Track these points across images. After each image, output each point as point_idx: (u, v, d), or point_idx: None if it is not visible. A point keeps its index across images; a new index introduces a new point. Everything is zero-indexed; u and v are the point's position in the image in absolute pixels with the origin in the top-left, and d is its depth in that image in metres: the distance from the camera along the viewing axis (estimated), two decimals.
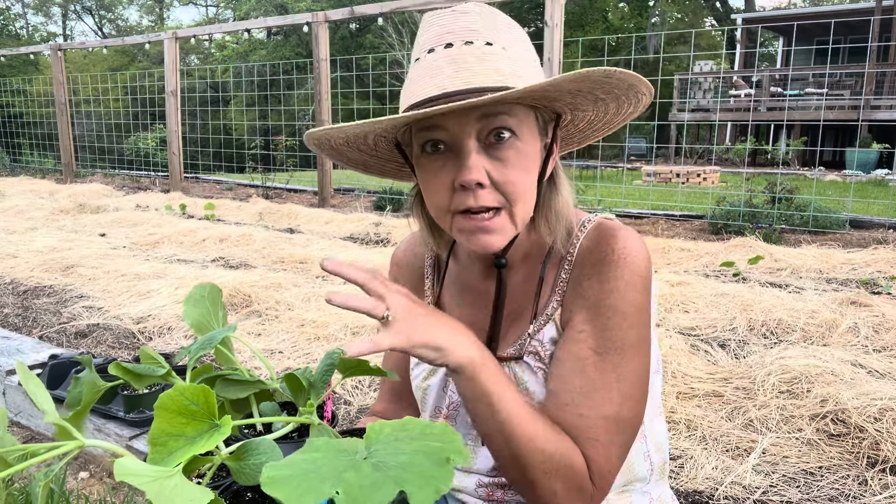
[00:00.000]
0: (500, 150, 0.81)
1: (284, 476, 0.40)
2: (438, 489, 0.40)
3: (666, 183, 10.72)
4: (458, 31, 0.82)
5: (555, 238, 0.90)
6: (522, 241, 0.93)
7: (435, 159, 0.83)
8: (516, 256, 0.94)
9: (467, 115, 0.79)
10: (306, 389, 0.64)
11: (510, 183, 0.81)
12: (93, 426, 2.11)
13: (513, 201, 0.82)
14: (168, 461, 0.49)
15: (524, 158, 0.83)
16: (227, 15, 34.64)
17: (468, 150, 0.80)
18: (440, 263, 1.06)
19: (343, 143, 0.89)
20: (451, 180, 0.81)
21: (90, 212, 7.43)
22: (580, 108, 0.89)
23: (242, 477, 0.54)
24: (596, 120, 0.95)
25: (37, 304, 3.80)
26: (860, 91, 13.45)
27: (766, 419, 2.23)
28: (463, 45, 0.81)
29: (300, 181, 10.17)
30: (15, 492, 1.68)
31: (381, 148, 0.93)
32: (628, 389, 0.84)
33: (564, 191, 0.91)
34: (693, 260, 4.78)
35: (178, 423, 0.50)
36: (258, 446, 0.55)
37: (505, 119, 0.80)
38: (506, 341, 0.95)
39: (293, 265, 4.70)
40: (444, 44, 0.81)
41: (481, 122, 0.80)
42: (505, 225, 0.83)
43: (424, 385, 1.01)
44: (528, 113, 0.83)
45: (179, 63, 9.51)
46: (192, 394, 0.51)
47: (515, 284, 0.95)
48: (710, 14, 29.49)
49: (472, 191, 0.80)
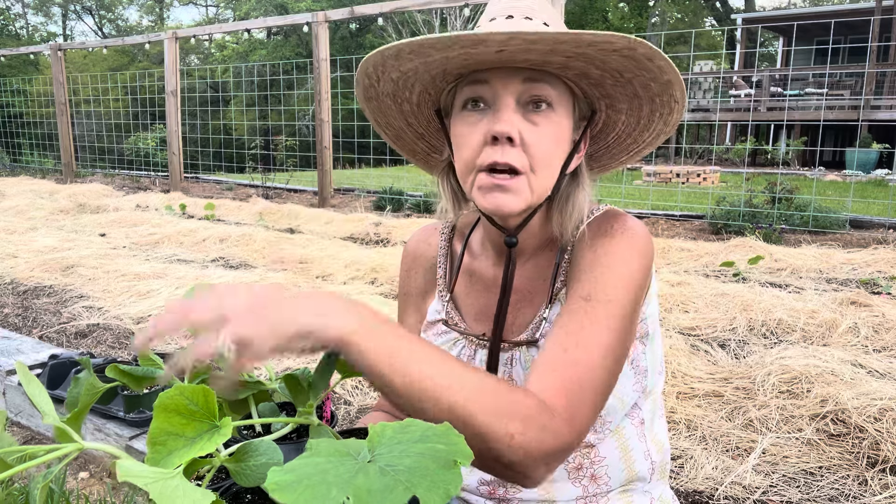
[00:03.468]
0: (536, 115, 0.84)
1: (290, 482, 0.39)
2: (448, 492, 0.40)
3: (666, 183, 10.71)
4: (521, 8, 0.87)
5: (564, 231, 0.91)
6: (536, 230, 0.95)
7: (474, 114, 0.85)
8: (529, 246, 0.96)
9: (513, 75, 0.83)
10: (305, 390, 0.64)
11: (538, 146, 0.83)
12: (93, 426, 2.11)
13: (536, 166, 0.84)
14: (167, 461, 0.49)
15: (557, 130, 0.85)
16: (227, 15, 34.66)
17: (506, 105, 0.83)
18: (453, 255, 1.07)
19: (390, 93, 0.92)
20: (485, 133, 0.83)
21: (90, 212, 7.43)
22: (615, 106, 0.91)
23: (242, 478, 0.54)
24: (624, 134, 0.97)
25: (37, 304, 3.80)
26: (860, 91, 13.44)
27: (766, 419, 2.23)
28: (523, 18, 0.86)
29: (300, 181, 10.17)
30: (15, 492, 1.68)
31: (423, 113, 0.97)
32: (613, 342, 0.80)
33: (586, 186, 0.93)
34: (693, 260, 4.78)
35: (178, 423, 0.50)
36: (258, 447, 0.55)
37: (547, 89, 0.84)
38: (517, 326, 0.96)
39: (293, 265, 4.70)
40: (506, 16, 0.87)
41: (525, 85, 0.83)
42: (522, 188, 0.84)
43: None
44: (567, 96, 0.87)
45: (179, 63, 9.51)
46: (191, 394, 0.51)
47: (527, 272, 0.97)
48: (710, 14, 29.49)
49: (501, 145, 0.82)
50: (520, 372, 0.93)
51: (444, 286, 1.05)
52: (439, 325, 1.03)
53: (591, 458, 0.94)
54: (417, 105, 0.95)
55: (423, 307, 1.09)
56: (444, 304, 1.04)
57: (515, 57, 0.80)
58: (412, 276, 1.12)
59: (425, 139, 1.02)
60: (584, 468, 0.94)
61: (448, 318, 1.02)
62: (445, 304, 1.04)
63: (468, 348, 0.99)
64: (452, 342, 1.01)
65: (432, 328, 1.05)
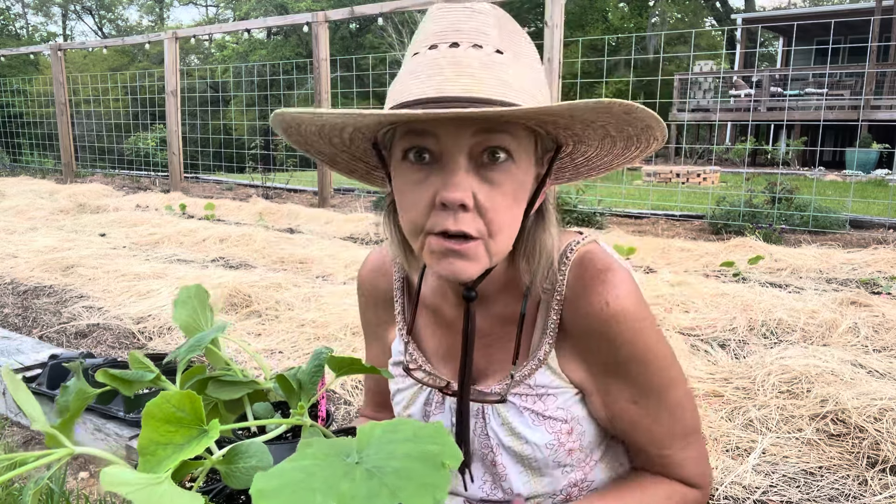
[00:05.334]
0: (492, 171, 0.72)
1: (275, 488, 0.39)
2: (435, 497, 0.40)
3: (666, 183, 10.71)
4: (467, 32, 0.72)
5: (534, 276, 0.83)
6: (499, 273, 0.86)
7: (417, 169, 0.73)
8: (492, 288, 0.87)
9: (464, 127, 0.70)
10: (297, 392, 0.63)
11: (495, 210, 0.73)
12: (92, 426, 2.11)
13: (493, 232, 0.74)
14: (157, 469, 0.49)
15: (516, 186, 0.74)
16: (227, 15, 34.64)
17: (458, 166, 0.71)
18: (410, 286, 0.97)
19: (315, 132, 0.80)
20: (432, 196, 0.72)
21: (90, 212, 7.43)
22: (585, 142, 0.82)
23: (233, 480, 0.54)
24: (595, 158, 0.87)
25: (37, 304, 3.80)
26: (860, 91, 13.44)
27: (766, 419, 2.23)
28: (470, 47, 0.72)
29: (300, 181, 10.16)
30: (15, 491, 1.68)
31: (357, 145, 0.84)
32: (681, 412, 0.87)
33: (551, 226, 0.83)
34: (693, 260, 4.78)
35: (166, 432, 0.50)
36: (248, 449, 0.55)
37: (505, 139, 0.72)
38: (490, 373, 0.90)
39: (293, 265, 4.70)
40: (450, 42, 0.72)
41: (478, 137, 0.71)
42: (479, 253, 0.74)
43: (405, 414, 0.96)
44: (529, 138, 0.75)
45: (179, 63, 9.51)
46: (178, 401, 0.51)
47: (492, 316, 0.89)
48: (710, 14, 29.48)
49: (453, 211, 0.71)
50: (496, 428, 0.88)
51: (405, 323, 0.96)
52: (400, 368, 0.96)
53: (580, 487, 0.93)
54: (350, 142, 0.83)
55: (387, 339, 1.02)
56: (404, 344, 0.96)
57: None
58: (370, 308, 1.04)
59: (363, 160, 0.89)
60: (573, 497, 0.93)
61: (410, 360, 0.95)
62: (406, 345, 0.96)
63: (436, 394, 0.93)
64: (418, 389, 0.94)
65: (396, 368, 0.98)
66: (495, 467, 0.90)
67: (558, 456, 0.87)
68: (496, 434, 0.88)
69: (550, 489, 0.90)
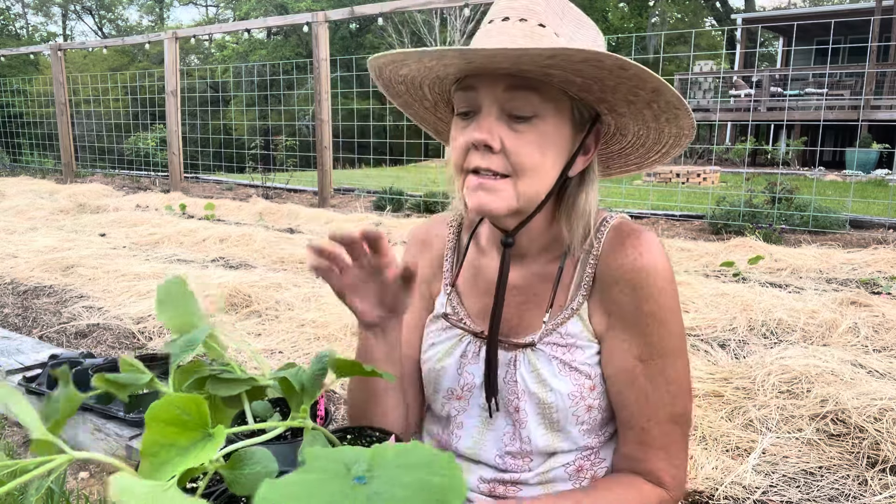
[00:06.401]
0: (520, 123, 0.83)
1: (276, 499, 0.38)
2: None
3: (666, 183, 10.71)
4: (518, 9, 0.84)
5: (572, 236, 0.92)
6: (540, 232, 0.94)
7: (462, 120, 0.87)
8: (534, 247, 0.96)
9: (496, 82, 0.82)
10: (298, 393, 0.63)
11: (519, 154, 0.83)
12: (92, 426, 2.11)
13: (519, 173, 0.84)
14: (161, 472, 0.48)
15: (543, 139, 0.84)
16: (227, 15, 34.67)
17: (487, 114, 0.83)
18: (460, 248, 1.06)
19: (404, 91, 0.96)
20: (469, 139, 0.84)
21: (90, 212, 7.43)
22: (617, 110, 0.89)
23: (237, 487, 0.54)
24: (629, 147, 0.97)
25: (37, 304, 3.80)
26: (860, 91, 13.43)
27: (766, 419, 2.23)
28: (517, 21, 0.84)
29: (300, 181, 10.16)
30: (15, 492, 1.68)
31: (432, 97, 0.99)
32: (677, 389, 0.89)
33: (592, 192, 0.92)
34: (693, 260, 4.78)
35: (171, 433, 0.50)
36: (253, 455, 0.55)
37: (530, 96, 0.82)
38: (522, 328, 0.96)
39: (293, 265, 4.70)
40: (502, 17, 0.85)
41: (507, 94, 0.82)
42: (507, 190, 0.84)
43: (439, 366, 1.01)
44: (562, 99, 0.85)
45: (179, 63, 9.51)
46: (183, 403, 0.51)
47: (531, 274, 0.97)
48: (710, 14, 29.49)
49: (482, 152, 0.83)
50: (524, 374, 0.93)
51: (450, 280, 1.05)
52: (441, 320, 1.03)
53: (592, 461, 0.95)
54: (434, 104, 0.99)
55: (427, 294, 1.08)
56: (447, 297, 1.03)
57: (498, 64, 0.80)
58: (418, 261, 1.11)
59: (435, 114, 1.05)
60: (584, 470, 0.95)
61: (452, 312, 1.02)
62: (448, 297, 1.03)
63: (473, 345, 0.98)
64: (458, 338, 1.00)
65: (436, 323, 1.04)
66: (518, 413, 0.93)
67: (578, 409, 0.91)
68: (524, 380, 0.93)
69: (566, 446, 0.93)
